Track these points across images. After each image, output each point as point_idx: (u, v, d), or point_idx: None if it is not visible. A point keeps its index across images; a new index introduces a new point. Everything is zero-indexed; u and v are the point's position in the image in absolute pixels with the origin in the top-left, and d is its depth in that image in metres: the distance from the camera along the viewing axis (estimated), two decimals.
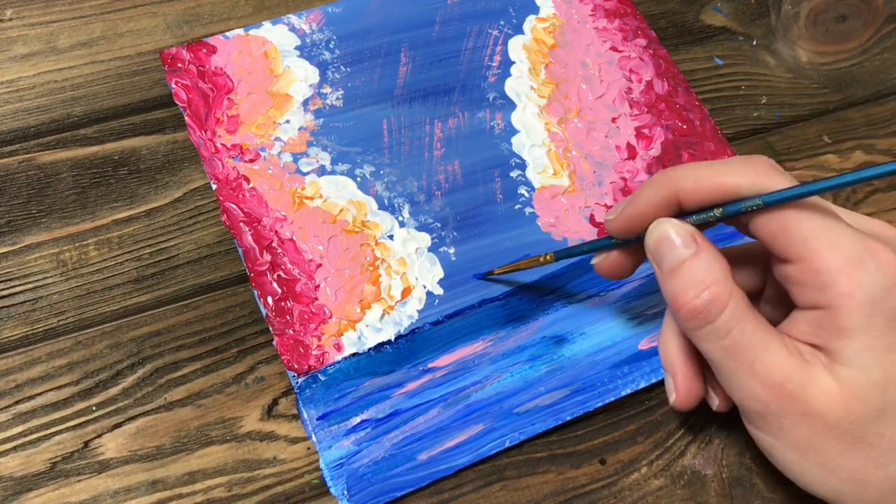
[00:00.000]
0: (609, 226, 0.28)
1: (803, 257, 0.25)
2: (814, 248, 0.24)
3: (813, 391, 0.25)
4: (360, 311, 0.32)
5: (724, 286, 0.25)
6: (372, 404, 0.31)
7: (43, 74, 0.37)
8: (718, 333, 0.25)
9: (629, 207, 0.28)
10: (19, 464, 0.29)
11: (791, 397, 0.25)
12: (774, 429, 0.26)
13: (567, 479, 0.31)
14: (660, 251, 0.27)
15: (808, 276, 0.25)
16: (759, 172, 0.26)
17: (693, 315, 0.26)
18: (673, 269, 0.26)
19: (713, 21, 0.42)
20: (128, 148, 0.35)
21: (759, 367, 0.25)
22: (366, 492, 0.29)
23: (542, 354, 0.32)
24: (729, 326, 0.25)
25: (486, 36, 0.39)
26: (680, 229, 0.26)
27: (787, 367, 0.25)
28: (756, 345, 0.25)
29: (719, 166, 0.26)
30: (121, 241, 0.33)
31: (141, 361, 0.31)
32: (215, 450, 0.30)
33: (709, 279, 0.25)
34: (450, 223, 0.34)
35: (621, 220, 0.28)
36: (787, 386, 0.25)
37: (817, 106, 0.41)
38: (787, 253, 0.25)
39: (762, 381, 0.25)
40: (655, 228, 0.27)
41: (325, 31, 0.38)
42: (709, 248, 0.26)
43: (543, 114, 0.38)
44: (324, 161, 0.35)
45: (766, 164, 0.26)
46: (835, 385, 0.24)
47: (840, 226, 0.25)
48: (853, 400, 0.24)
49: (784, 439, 0.26)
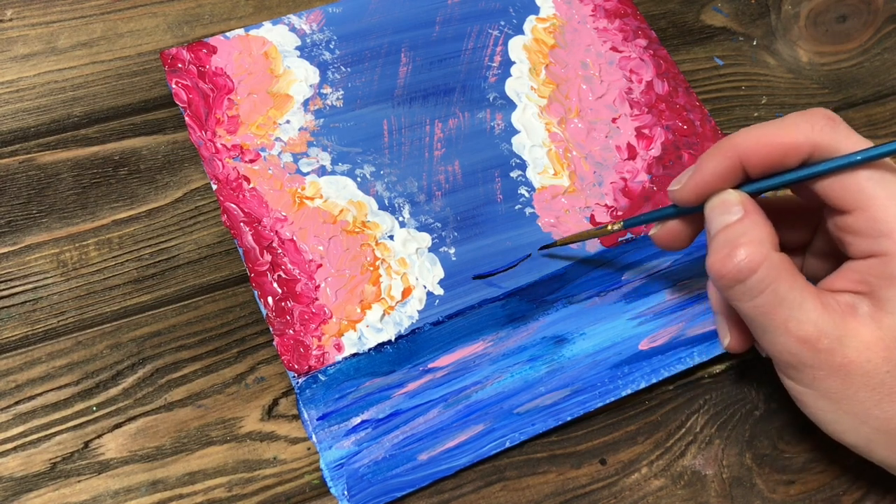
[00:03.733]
0: (674, 195, 0.28)
1: (860, 206, 0.25)
2: (871, 196, 0.25)
3: (850, 342, 0.25)
4: (360, 311, 0.32)
5: (759, 248, 0.26)
6: (372, 404, 0.31)
7: (43, 75, 0.37)
8: (750, 293, 0.26)
9: (695, 176, 0.28)
10: (19, 464, 0.29)
11: (827, 351, 0.25)
12: (808, 379, 0.26)
13: (567, 479, 0.31)
14: (711, 217, 0.27)
15: (864, 225, 0.25)
16: (815, 128, 0.26)
17: (722, 274, 0.26)
18: (716, 231, 0.27)
19: (713, 21, 0.42)
20: (128, 148, 0.35)
21: (793, 324, 0.25)
22: (366, 492, 0.29)
23: (542, 355, 0.32)
24: (762, 286, 0.25)
25: (487, 36, 0.39)
26: (733, 196, 0.27)
27: (821, 324, 0.25)
28: (790, 304, 0.25)
29: (776, 126, 0.27)
30: (121, 241, 0.33)
31: (141, 362, 0.31)
32: (215, 450, 0.30)
33: (744, 239, 0.26)
34: (450, 223, 0.34)
35: (687, 190, 0.28)
36: (822, 341, 0.25)
37: (817, 106, 0.41)
38: (843, 203, 0.26)
39: (795, 337, 0.25)
40: (714, 198, 0.27)
41: (325, 32, 0.38)
42: (755, 213, 0.26)
43: (544, 114, 0.38)
44: (324, 161, 0.35)
45: (823, 116, 0.26)
46: (876, 333, 0.25)
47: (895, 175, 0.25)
48: (894, 348, 0.25)
49: (817, 389, 0.26)
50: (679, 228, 0.30)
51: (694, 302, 0.34)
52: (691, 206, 0.28)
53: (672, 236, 0.30)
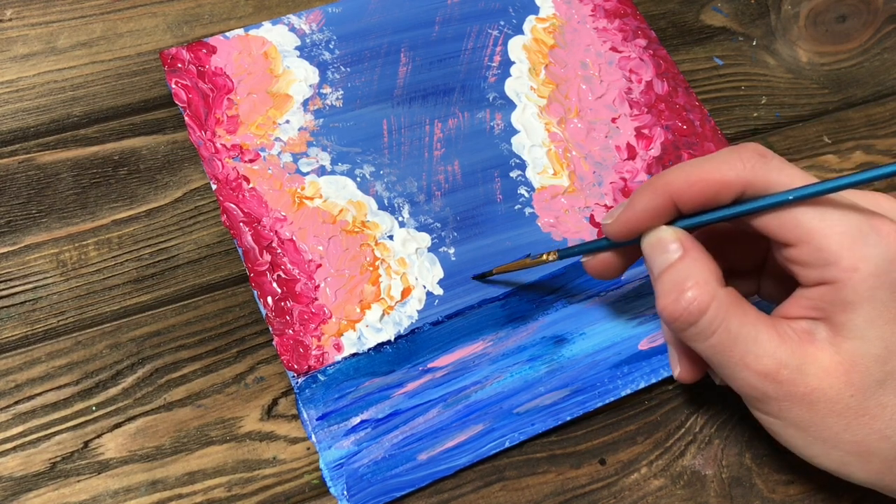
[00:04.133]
0: (606, 229, 0.28)
1: (802, 239, 0.25)
2: (811, 229, 0.25)
3: (811, 370, 0.25)
4: (359, 311, 0.32)
5: (706, 288, 0.25)
6: (372, 404, 0.31)
7: (43, 74, 0.37)
8: (704, 334, 0.26)
9: (626, 212, 0.28)
10: (19, 464, 0.29)
11: (788, 382, 0.25)
12: (775, 410, 0.26)
13: (567, 479, 0.31)
14: (651, 256, 0.27)
15: (809, 256, 0.25)
16: (746, 165, 0.26)
17: (674, 317, 0.26)
18: (660, 272, 0.27)
19: (713, 21, 0.42)
20: (128, 148, 0.35)
21: (751, 359, 0.25)
22: (366, 492, 0.29)
23: (541, 355, 0.32)
24: (713, 327, 0.25)
25: (486, 36, 0.39)
26: (669, 234, 0.27)
27: (780, 355, 0.25)
28: (745, 339, 0.25)
29: (707, 163, 0.26)
30: (121, 241, 0.33)
31: (141, 361, 0.31)
32: (215, 450, 0.30)
33: (689, 282, 0.26)
34: (450, 223, 0.34)
35: (618, 225, 0.28)
36: (782, 372, 0.25)
37: (817, 106, 0.41)
38: (784, 237, 0.25)
39: (755, 372, 0.25)
40: (649, 235, 0.27)
41: (325, 32, 0.38)
42: (695, 251, 0.26)
43: (543, 114, 0.38)
44: (324, 161, 0.35)
45: (753, 152, 0.26)
46: (835, 358, 0.25)
47: (833, 204, 0.25)
48: (854, 372, 0.25)
49: (785, 419, 0.26)
50: (611, 260, 0.30)
51: None
52: (622, 241, 0.28)
53: (604, 267, 0.30)
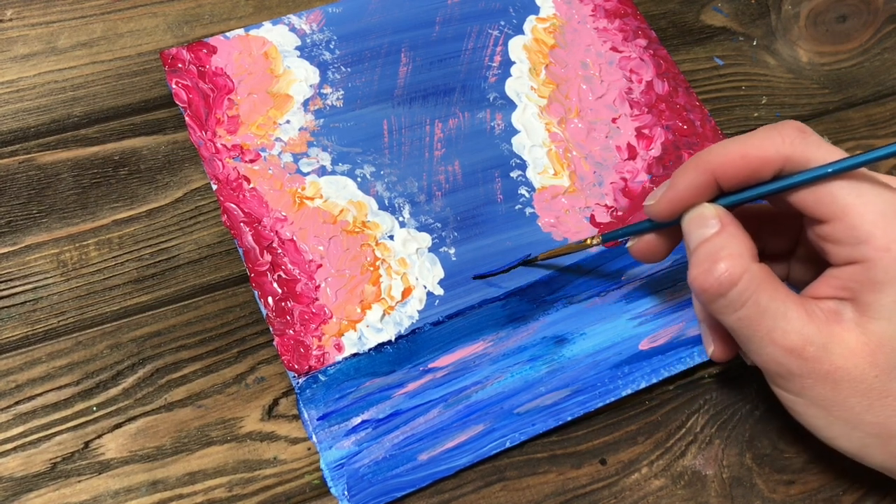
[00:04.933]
0: (649, 210, 0.29)
1: (836, 215, 0.25)
2: (846, 205, 0.25)
3: (836, 349, 0.25)
4: (360, 311, 0.32)
5: (738, 260, 0.26)
6: (372, 404, 0.31)
7: (43, 75, 0.37)
8: (733, 306, 0.26)
9: (668, 192, 0.28)
10: (20, 464, 0.29)
11: (813, 359, 0.25)
12: (797, 388, 0.26)
13: (567, 479, 0.31)
14: (689, 231, 0.27)
15: (842, 234, 0.25)
16: (786, 141, 0.26)
17: (704, 288, 0.26)
18: (696, 245, 0.27)
19: (713, 21, 0.42)
20: (128, 148, 0.35)
21: (778, 334, 0.25)
22: (366, 492, 0.29)
23: (542, 355, 0.32)
24: (743, 299, 0.26)
25: (487, 36, 0.39)
26: (709, 210, 0.27)
27: (806, 332, 0.25)
28: (773, 314, 0.25)
29: (748, 140, 0.27)
30: (121, 241, 0.33)
31: (141, 362, 0.31)
32: (216, 450, 0.30)
33: (723, 253, 0.26)
34: (450, 223, 0.34)
35: (662, 205, 0.28)
36: (807, 349, 0.25)
37: (817, 106, 0.41)
38: (819, 213, 0.26)
39: (781, 347, 0.25)
40: (691, 211, 0.28)
41: (325, 32, 0.38)
42: (733, 226, 0.27)
43: (544, 114, 0.38)
44: (324, 161, 0.35)
45: (793, 129, 0.26)
46: (861, 339, 0.25)
47: (871, 182, 0.25)
48: (879, 353, 0.25)
49: (807, 396, 0.26)
50: (655, 242, 0.30)
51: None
52: (666, 220, 0.28)
53: (649, 249, 0.30)
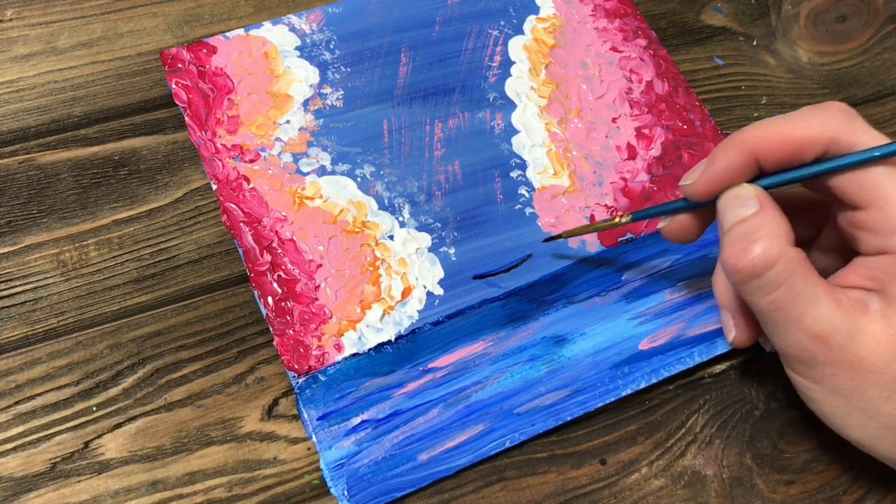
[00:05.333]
0: (686, 190, 0.28)
1: (875, 203, 0.25)
2: (886, 193, 0.25)
3: (861, 339, 0.25)
4: (360, 311, 0.32)
5: (776, 242, 0.25)
6: (372, 404, 0.31)
7: (43, 75, 0.37)
8: (767, 288, 0.26)
9: (708, 171, 0.27)
10: (19, 464, 0.29)
11: (839, 348, 0.25)
12: (818, 375, 0.26)
13: (567, 479, 0.31)
14: (725, 211, 0.27)
15: (877, 222, 0.25)
16: (832, 122, 0.26)
17: (738, 268, 0.26)
18: (731, 225, 0.27)
19: (713, 21, 0.42)
20: (128, 148, 0.35)
21: (808, 320, 0.25)
22: (366, 492, 0.29)
23: (542, 355, 0.32)
24: (779, 281, 0.25)
25: (487, 36, 0.39)
26: (747, 191, 0.27)
27: (835, 320, 0.25)
28: (805, 299, 0.25)
29: (791, 120, 0.26)
30: (121, 241, 0.33)
31: (141, 362, 0.31)
32: (215, 450, 0.30)
33: (761, 233, 0.26)
34: (450, 223, 0.34)
35: (700, 185, 0.28)
36: (834, 337, 0.25)
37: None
38: (858, 199, 0.25)
39: (809, 333, 0.25)
40: (728, 192, 0.27)
41: (325, 32, 0.38)
42: (771, 207, 0.26)
43: (544, 114, 0.38)
44: (324, 161, 0.35)
45: (839, 110, 0.26)
46: (887, 330, 0.25)
47: None
48: None
49: (827, 385, 0.26)
50: (689, 222, 0.30)
51: (694, 302, 0.34)
52: (703, 200, 0.28)
53: (682, 230, 0.30)
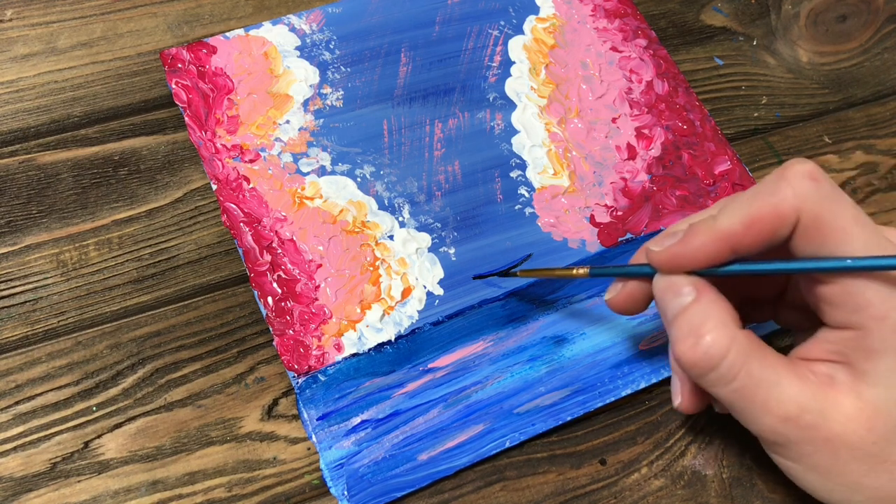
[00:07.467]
0: (653, 257, 0.27)
1: (836, 278, 0.24)
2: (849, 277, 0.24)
3: (833, 415, 0.24)
4: (360, 311, 0.32)
5: (724, 331, 0.25)
6: (372, 404, 0.31)
7: (43, 75, 0.37)
8: (725, 379, 0.25)
9: (678, 247, 0.26)
10: (19, 464, 0.29)
11: (811, 427, 0.25)
12: (795, 455, 0.26)
13: (567, 479, 0.31)
14: (663, 299, 0.26)
15: (840, 297, 0.24)
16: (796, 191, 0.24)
17: (693, 363, 0.25)
18: (674, 316, 0.26)
19: (713, 21, 0.42)
20: (128, 148, 0.35)
21: (773, 404, 0.25)
22: (366, 492, 0.29)
23: (542, 355, 0.32)
24: (734, 371, 0.25)
25: (487, 36, 0.39)
26: (680, 279, 0.26)
27: (802, 399, 0.24)
28: (766, 383, 0.25)
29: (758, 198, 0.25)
30: (121, 241, 0.33)
31: (141, 362, 0.31)
32: (215, 450, 0.30)
33: (707, 325, 0.25)
34: (450, 223, 0.34)
35: (667, 257, 0.26)
36: (804, 417, 0.24)
37: (817, 106, 0.41)
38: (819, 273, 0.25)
39: (777, 416, 0.25)
40: (661, 280, 0.27)
41: (325, 32, 0.38)
42: (710, 293, 0.26)
43: (543, 114, 0.38)
44: (324, 161, 0.35)
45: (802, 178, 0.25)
46: (857, 404, 0.24)
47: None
48: (877, 419, 0.24)
49: (806, 464, 0.25)
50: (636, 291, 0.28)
51: None
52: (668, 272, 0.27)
53: (628, 300, 0.29)
